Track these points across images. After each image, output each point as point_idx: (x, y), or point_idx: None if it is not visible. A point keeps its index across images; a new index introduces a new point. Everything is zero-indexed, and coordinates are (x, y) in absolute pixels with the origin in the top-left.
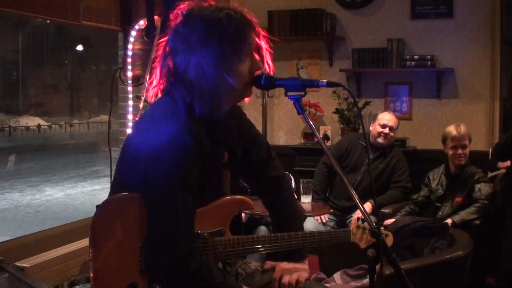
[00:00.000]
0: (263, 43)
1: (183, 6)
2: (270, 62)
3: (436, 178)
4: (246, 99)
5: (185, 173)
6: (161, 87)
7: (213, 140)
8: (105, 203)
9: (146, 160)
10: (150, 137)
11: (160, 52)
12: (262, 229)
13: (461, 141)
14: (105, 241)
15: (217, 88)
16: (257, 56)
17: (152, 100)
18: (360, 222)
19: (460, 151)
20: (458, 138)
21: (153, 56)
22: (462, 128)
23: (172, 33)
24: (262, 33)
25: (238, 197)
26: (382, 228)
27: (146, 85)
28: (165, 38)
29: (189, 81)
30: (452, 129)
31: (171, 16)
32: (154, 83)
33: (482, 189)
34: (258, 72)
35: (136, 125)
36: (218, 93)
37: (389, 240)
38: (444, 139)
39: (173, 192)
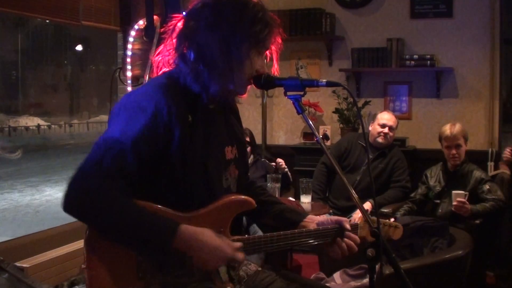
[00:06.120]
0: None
1: None
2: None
3: (434, 175)
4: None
5: (140, 133)
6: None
7: (208, 126)
8: None
9: (113, 112)
10: (127, 95)
11: (173, 34)
12: (256, 228)
13: (454, 141)
14: (100, 248)
15: (232, 71)
16: (268, 56)
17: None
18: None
19: (453, 151)
20: (450, 138)
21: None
22: (456, 128)
23: (195, 11)
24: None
25: (242, 197)
26: (392, 220)
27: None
28: (179, 19)
29: (208, 59)
30: (446, 129)
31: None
32: (160, 57)
33: (492, 189)
34: (260, 71)
35: None
36: (232, 76)
37: (399, 233)
38: (440, 138)
39: (118, 140)
